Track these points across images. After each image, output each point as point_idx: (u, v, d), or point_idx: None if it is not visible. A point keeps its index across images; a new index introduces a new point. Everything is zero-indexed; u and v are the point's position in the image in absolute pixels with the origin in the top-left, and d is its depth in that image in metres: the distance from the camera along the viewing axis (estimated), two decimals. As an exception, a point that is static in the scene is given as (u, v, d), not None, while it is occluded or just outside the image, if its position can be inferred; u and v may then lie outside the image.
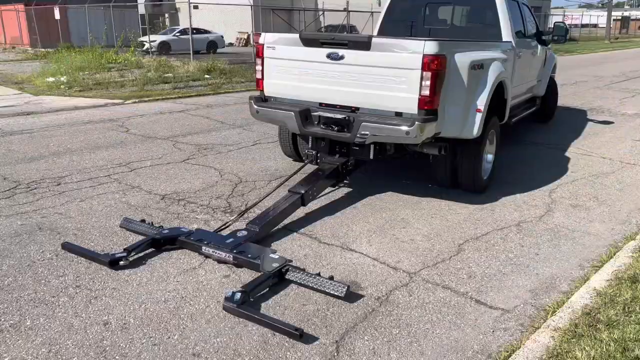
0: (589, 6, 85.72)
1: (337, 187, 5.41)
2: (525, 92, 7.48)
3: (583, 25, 58.86)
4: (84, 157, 6.56)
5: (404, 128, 4.37)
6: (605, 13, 50.87)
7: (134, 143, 7.33)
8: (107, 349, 2.78)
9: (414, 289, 3.48)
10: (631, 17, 72.95)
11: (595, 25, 63.62)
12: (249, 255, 3.62)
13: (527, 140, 7.92)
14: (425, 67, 4.28)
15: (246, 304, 3.12)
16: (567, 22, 47.60)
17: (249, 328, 2.99)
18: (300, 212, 4.68)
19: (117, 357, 2.72)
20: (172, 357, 2.73)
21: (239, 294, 3.13)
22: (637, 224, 4.68)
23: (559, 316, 3.05)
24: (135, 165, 6.22)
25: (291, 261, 3.59)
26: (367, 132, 4.54)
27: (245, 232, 3.96)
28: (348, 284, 3.34)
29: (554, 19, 44.66)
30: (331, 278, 3.36)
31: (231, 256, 3.66)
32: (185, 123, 8.83)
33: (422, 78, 4.31)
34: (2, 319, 3.02)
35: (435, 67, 4.29)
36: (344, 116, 4.71)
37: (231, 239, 3.84)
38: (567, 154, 7.11)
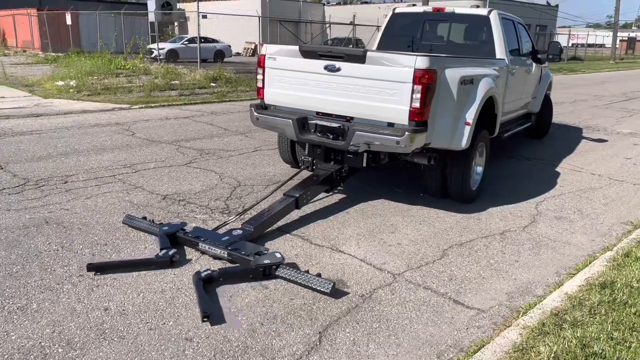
0: (597, 26, 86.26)
1: (331, 193, 5.64)
2: (519, 108, 7.72)
3: (589, 45, 59.26)
4: (90, 158, 6.82)
5: (395, 138, 4.60)
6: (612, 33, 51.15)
7: (138, 146, 7.59)
8: (107, 331, 3.01)
9: (396, 289, 3.69)
10: (637, 38, 73.38)
11: (601, 45, 64.04)
12: (242, 252, 3.85)
13: (520, 155, 8.15)
14: (416, 80, 4.52)
15: (214, 283, 3.54)
16: (573, 41, 48.00)
17: (238, 318, 3.21)
18: (295, 215, 4.91)
19: (115, 339, 2.94)
20: (166, 341, 2.95)
21: (208, 272, 3.53)
22: (617, 236, 4.88)
23: (529, 316, 3.26)
24: (139, 167, 6.47)
25: (283, 261, 3.78)
26: (360, 141, 4.78)
27: (240, 231, 4.19)
28: (334, 281, 3.56)
29: (560, 38, 45.00)
30: (318, 275, 3.59)
31: (226, 252, 3.89)
32: (189, 129, 9.10)
33: (413, 91, 4.55)
34: (11, 302, 3.26)
35: (426, 81, 4.53)
36: (339, 125, 4.95)
37: (227, 237, 4.07)
38: (557, 169, 7.33)
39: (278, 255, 3.78)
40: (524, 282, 3.90)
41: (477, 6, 7.44)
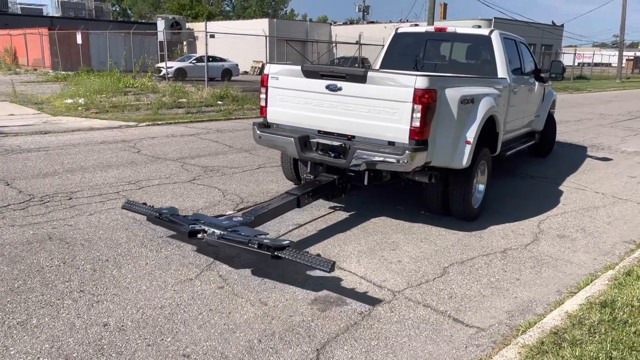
0: (603, 45, 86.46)
1: (333, 210, 5.66)
2: (522, 126, 7.74)
3: (596, 64, 59.38)
4: (95, 174, 6.90)
5: (396, 156, 4.64)
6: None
7: (144, 163, 7.67)
8: (105, 347, 3.02)
9: (396, 306, 3.69)
10: (644, 58, 73.33)
11: (608, 65, 64.17)
12: (242, 234, 3.89)
13: (524, 173, 8.15)
14: (416, 100, 4.56)
15: (192, 237, 4.00)
16: (579, 60, 48.06)
17: (236, 335, 3.22)
18: (296, 232, 4.93)
19: (113, 355, 2.95)
20: (163, 357, 2.96)
21: (195, 229, 3.99)
22: (620, 255, 4.86)
23: (529, 334, 3.24)
24: (143, 183, 6.53)
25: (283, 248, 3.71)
26: (361, 159, 4.82)
27: (240, 218, 4.26)
28: (334, 261, 3.56)
29: (565, 57, 45.13)
30: (318, 255, 3.61)
31: (225, 234, 3.92)
32: (195, 146, 9.18)
33: (413, 110, 4.59)
34: (11, 317, 3.28)
35: (426, 100, 4.57)
36: (340, 143, 4.99)
37: (226, 222, 4.14)
38: (561, 187, 7.31)
39: (285, 241, 3.76)
40: (525, 300, 3.89)
41: (479, 26, 7.50)
